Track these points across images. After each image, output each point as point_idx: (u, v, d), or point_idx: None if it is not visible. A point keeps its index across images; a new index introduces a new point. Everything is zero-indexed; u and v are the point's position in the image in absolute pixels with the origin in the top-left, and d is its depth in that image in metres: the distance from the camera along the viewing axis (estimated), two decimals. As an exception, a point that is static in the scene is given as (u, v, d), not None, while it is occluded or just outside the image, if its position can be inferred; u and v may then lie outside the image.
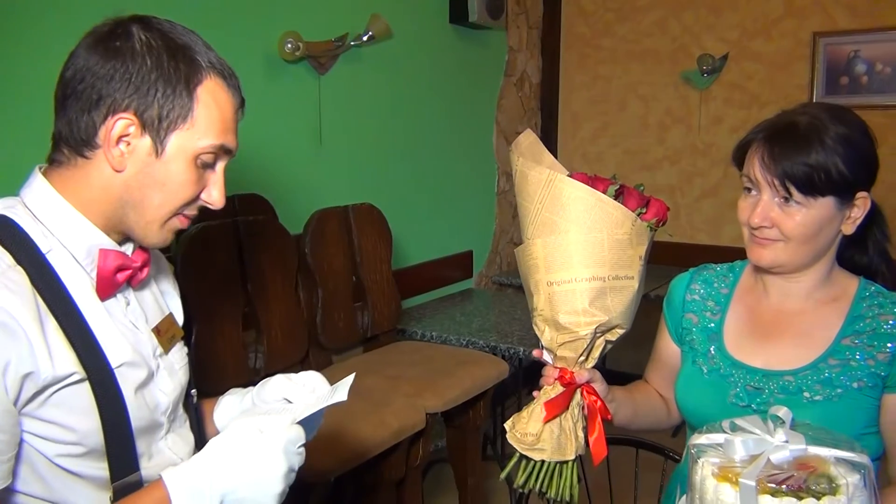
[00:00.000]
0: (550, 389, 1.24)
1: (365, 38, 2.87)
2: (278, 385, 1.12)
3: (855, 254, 1.32)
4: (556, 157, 1.29)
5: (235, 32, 2.40)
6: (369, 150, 3.06)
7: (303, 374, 1.14)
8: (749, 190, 1.25)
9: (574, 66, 4.27)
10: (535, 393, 1.27)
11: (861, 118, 1.22)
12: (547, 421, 1.21)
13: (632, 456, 1.67)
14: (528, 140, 1.30)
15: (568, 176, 1.20)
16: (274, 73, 2.60)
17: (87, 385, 0.91)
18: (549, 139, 4.24)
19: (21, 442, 0.88)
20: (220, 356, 2.00)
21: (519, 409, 1.29)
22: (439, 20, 3.44)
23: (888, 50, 3.48)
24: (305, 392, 1.10)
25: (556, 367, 1.24)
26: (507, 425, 1.26)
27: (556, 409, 1.21)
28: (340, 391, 1.00)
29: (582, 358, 1.22)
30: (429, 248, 3.42)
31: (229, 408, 1.19)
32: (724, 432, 1.05)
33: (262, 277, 2.16)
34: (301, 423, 0.97)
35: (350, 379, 1.03)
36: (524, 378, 3.41)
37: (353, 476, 1.99)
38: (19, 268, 0.88)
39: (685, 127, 4.00)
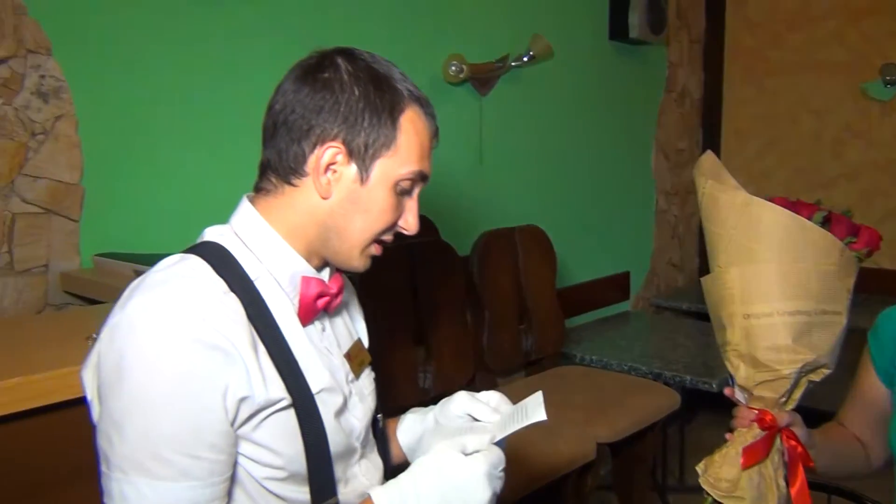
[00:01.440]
0: (746, 432, 1.16)
1: (526, 59, 2.87)
2: (462, 402, 1.10)
3: None
4: None
5: (402, 56, 2.43)
6: (528, 169, 3.04)
7: (485, 392, 1.13)
8: None
9: (739, 80, 4.08)
10: (727, 435, 1.20)
11: None
12: (745, 468, 1.13)
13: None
14: (710, 161, 1.25)
15: (766, 199, 1.13)
16: (438, 96, 2.64)
17: (292, 410, 0.93)
18: (712, 157, 4.06)
19: (235, 464, 0.91)
20: (393, 376, 2.03)
21: (682, 438, 1.22)
22: (599, 37, 3.39)
23: None
24: (489, 411, 1.08)
25: (751, 409, 1.16)
26: (698, 468, 1.19)
27: (756, 455, 1.14)
28: (537, 410, 0.96)
29: (782, 399, 1.14)
30: (585, 268, 3.35)
31: (413, 426, 1.19)
32: None
33: (432, 299, 2.18)
34: (497, 443, 0.95)
35: (539, 397, 0.99)
36: (689, 406, 3.26)
37: (521, 504, 1.96)
38: (233, 294, 0.91)
39: (864, 142, 3.71)
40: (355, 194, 0.96)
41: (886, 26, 3.60)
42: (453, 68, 2.64)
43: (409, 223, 1.03)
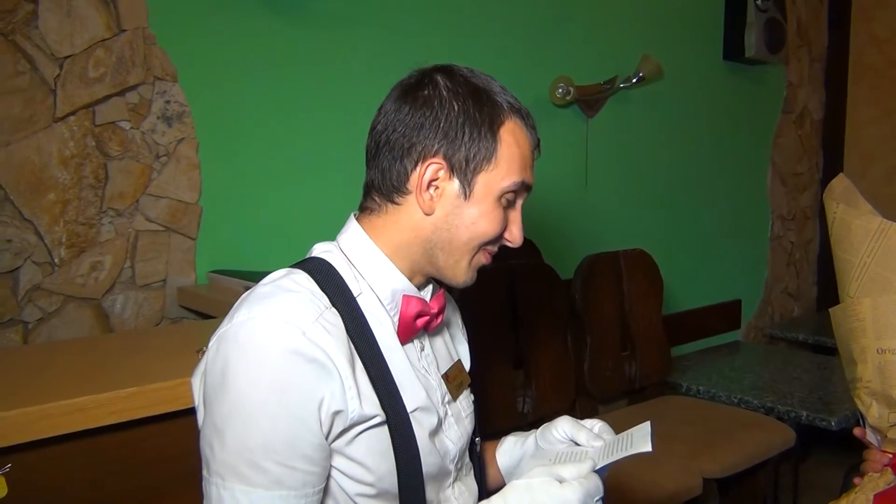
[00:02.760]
0: (879, 478, 1.08)
1: (634, 80, 2.82)
2: (565, 426, 1.08)
3: None
4: None
5: (509, 78, 2.44)
6: (634, 192, 2.98)
7: (589, 420, 1.10)
8: None
9: (864, 100, 3.86)
10: (856, 480, 1.11)
11: None
12: None
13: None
14: (842, 185, 1.18)
15: None
16: (544, 117, 2.63)
17: (386, 428, 0.93)
18: (833, 180, 3.85)
19: (328, 477, 0.92)
20: (492, 399, 2.02)
21: (795, 478, 1.14)
22: (712, 57, 3.30)
23: None
24: (592, 437, 1.05)
25: (885, 452, 1.07)
26: None
27: (891, 503, 1.05)
28: (642, 440, 0.93)
29: None
30: (694, 295, 3.24)
31: (512, 449, 1.17)
32: None
33: (533, 321, 2.16)
34: (597, 470, 0.92)
35: (648, 427, 0.96)
36: (803, 443, 3.08)
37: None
38: (334, 310, 0.92)
39: None
40: (458, 209, 0.97)
41: None
42: (560, 90, 2.63)
43: (514, 235, 1.02)
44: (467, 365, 1.19)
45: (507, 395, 2.07)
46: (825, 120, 3.93)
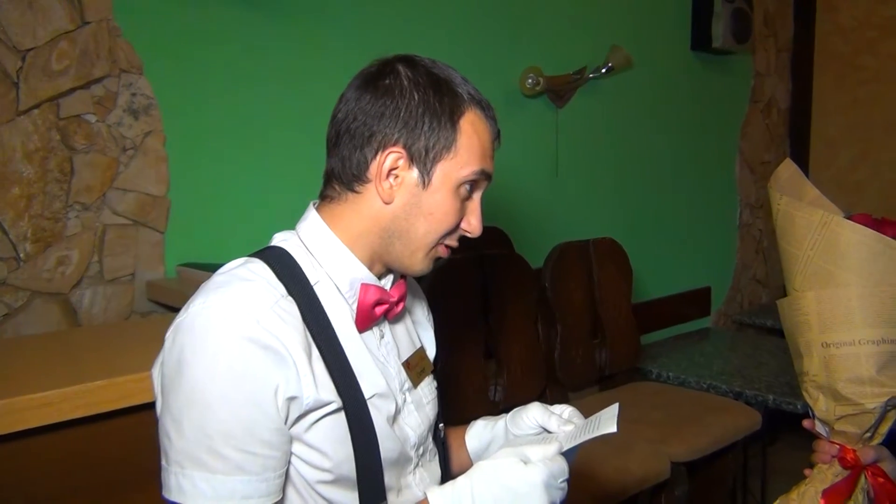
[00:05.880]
0: (827, 469, 1.10)
1: (604, 71, 2.84)
2: (535, 412, 1.09)
3: None
4: None
5: (479, 69, 2.48)
6: (604, 181, 3.01)
7: (558, 406, 1.11)
8: None
9: (829, 89, 3.92)
10: (806, 471, 1.13)
11: None
12: None
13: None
14: (788, 171, 1.18)
15: (846, 217, 1.06)
16: (514, 108, 2.65)
17: (343, 414, 0.94)
18: (801, 168, 3.90)
19: (289, 463, 0.93)
20: (463, 388, 2.03)
21: (764, 461, 1.16)
22: (680, 47, 3.33)
23: None
24: (562, 422, 1.07)
25: (833, 443, 1.09)
26: None
27: (839, 498, 1.07)
28: (608, 422, 0.94)
29: (867, 434, 1.07)
30: (664, 283, 3.28)
31: (482, 433, 1.19)
32: None
33: (504, 311, 2.18)
34: (564, 454, 0.93)
35: (615, 408, 0.97)
36: (771, 427, 3.13)
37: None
38: (291, 298, 0.93)
39: (969, 152, 3.51)
40: (417, 198, 0.98)
41: None
42: (530, 81, 2.64)
43: (473, 225, 1.03)
44: (432, 352, 1.20)
45: (478, 384, 2.08)
46: (792, 109, 3.98)
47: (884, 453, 1.09)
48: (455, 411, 2.01)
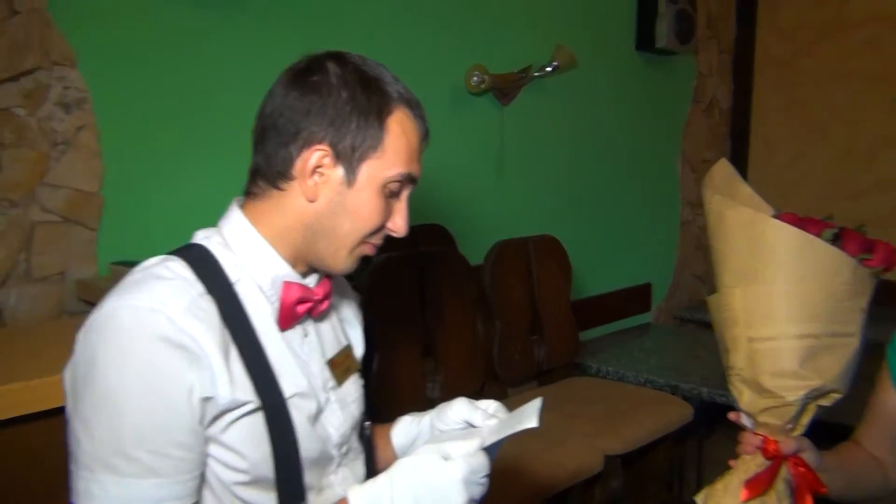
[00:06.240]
0: (750, 460, 1.13)
1: (549, 69, 2.86)
2: (460, 408, 1.10)
3: None
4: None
5: (424, 67, 2.49)
6: (550, 180, 3.04)
7: (483, 401, 1.12)
8: None
9: (769, 90, 4.02)
10: (731, 462, 1.16)
11: None
12: (746, 500, 1.09)
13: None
14: (723, 171, 1.20)
15: (774, 216, 1.08)
16: (459, 105, 2.66)
17: (261, 414, 0.93)
18: (740, 167, 4.01)
19: (204, 465, 0.92)
20: (399, 385, 2.05)
21: (700, 452, 1.18)
22: (625, 47, 3.38)
23: None
24: (487, 417, 1.08)
25: (756, 435, 1.13)
26: (698, 499, 1.15)
27: (759, 487, 1.09)
28: (530, 416, 0.94)
29: (789, 426, 1.10)
30: (606, 279, 3.33)
31: (407, 429, 1.19)
32: None
33: (442, 308, 2.20)
34: (485, 449, 0.95)
35: (538, 403, 0.98)
36: (709, 419, 3.22)
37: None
38: (209, 297, 0.92)
39: (899, 153, 3.63)
40: (342, 196, 0.97)
41: (921, 35, 3.52)
42: (475, 78, 2.66)
43: (398, 225, 1.03)
44: (359, 350, 1.19)
45: (415, 381, 2.10)
46: (733, 109, 4.07)
47: (805, 444, 1.12)
48: (392, 409, 2.00)
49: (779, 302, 1.06)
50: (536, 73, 2.85)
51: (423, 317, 2.18)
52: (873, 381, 1.31)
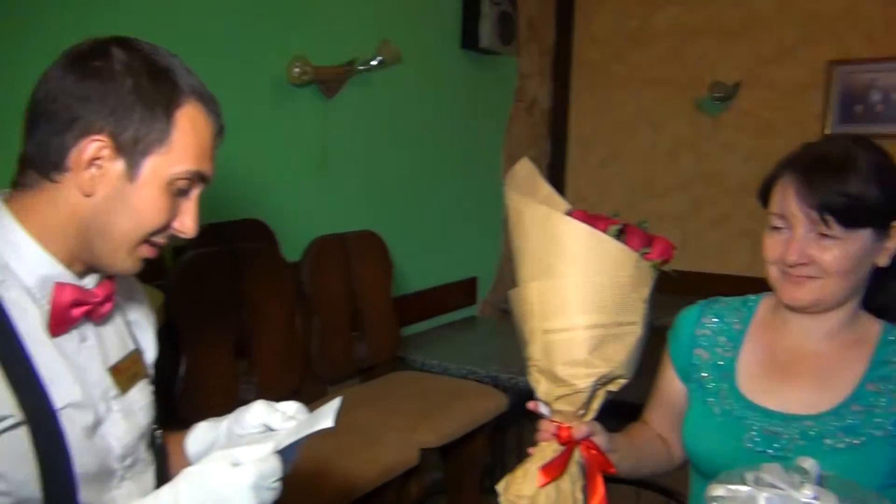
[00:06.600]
0: (547, 446, 1.17)
1: (374, 63, 2.85)
2: (258, 412, 1.06)
3: (873, 296, 1.25)
4: (564, 184, 1.23)
5: (243, 56, 2.39)
6: (375, 175, 3.03)
7: (284, 403, 1.09)
8: (777, 229, 1.19)
9: (585, 92, 4.24)
10: (530, 449, 1.20)
11: (882, 147, 1.18)
12: (543, 486, 1.14)
13: (632, 500, 1.60)
14: (525, 170, 1.24)
15: (567, 213, 1.14)
16: (281, 97, 2.59)
17: (25, 429, 0.86)
18: (559, 166, 4.21)
19: None
20: (210, 387, 1.96)
21: (520, 442, 1.22)
22: (451, 46, 3.43)
23: (904, 80, 3.43)
24: (285, 419, 1.05)
25: (553, 422, 1.17)
26: (499, 488, 1.19)
27: (554, 472, 1.14)
28: (327, 416, 0.93)
29: (581, 412, 1.15)
30: (433, 274, 3.38)
31: (203, 436, 1.14)
32: (745, 483, 0.98)
33: (258, 306, 2.13)
34: (281, 452, 0.92)
35: (336, 403, 0.96)
36: (526, 408, 3.34)
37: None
38: None
39: (696, 154, 3.95)
40: (122, 192, 0.91)
41: (715, 46, 3.85)
42: (297, 70, 2.60)
43: (186, 225, 0.98)
44: (151, 355, 1.13)
45: (228, 383, 2.02)
46: (552, 110, 4.25)
47: (596, 428, 1.18)
48: (202, 413, 1.92)
49: (571, 295, 1.11)
50: (361, 67, 2.83)
51: (237, 316, 2.10)
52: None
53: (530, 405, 1.23)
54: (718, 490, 0.99)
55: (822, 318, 1.22)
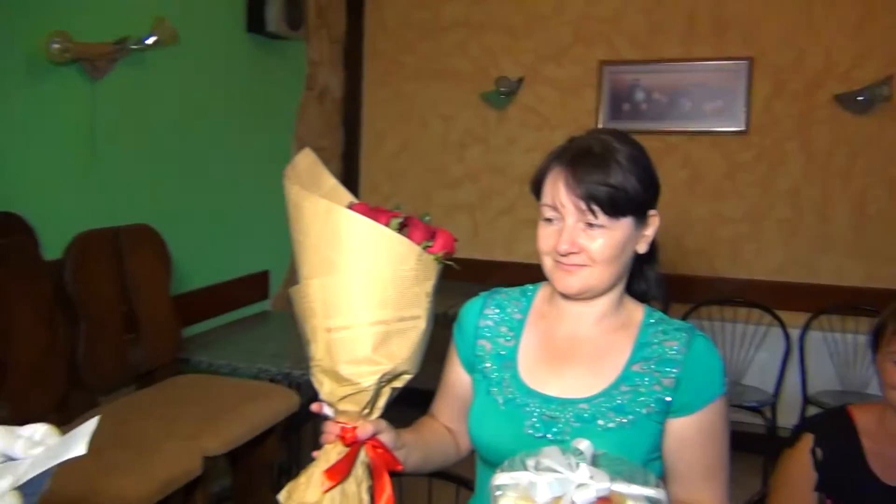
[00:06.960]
0: (331, 448, 1.13)
1: (149, 43, 2.64)
2: None
3: (633, 282, 1.34)
4: (359, 174, 1.19)
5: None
6: (152, 164, 2.81)
7: (29, 426, 0.95)
8: (549, 220, 1.23)
9: (378, 82, 4.23)
10: (314, 453, 1.15)
11: (638, 141, 1.25)
12: (328, 490, 1.09)
13: (424, 488, 1.61)
14: (307, 161, 1.19)
15: (348, 207, 1.10)
16: (37, 76, 2.32)
17: None
18: (354, 156, 4.17)
19: None
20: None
21: (316, 438, 1.17)
22: (235, 28, 3.27)
23: (663, 80, 3.77)
24: (31, 446, 0.92)
25: (337, 423, 1.13)
26: (281, 497, 1.13)
27: (339, 475, 1.10)
28: (77, 442, 0.81)
29: (366, 411, 1.12)
30: (220, 269, 3.21)
31: None
32: (526, 469, 1.00)
33: (7, 310, 1.87)
34: (23, 486, 0.80)
35: (91, 425, 0.84)
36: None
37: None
38: None
39: (484, 146, 4.09)
40: None
41: (501, 41, 4.00)
42: (56, 45, 2.33)
43: None
44: None
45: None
46: (345, 98, 4.20)
47: (382, 425, 1.15)
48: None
49: (353, 291, 1.07)
50: (134, 47, 2.61)
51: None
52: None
53: (314, 407, 1.19)
54: (502, 478, 1.01)
55: (592, 305, 1.28)
